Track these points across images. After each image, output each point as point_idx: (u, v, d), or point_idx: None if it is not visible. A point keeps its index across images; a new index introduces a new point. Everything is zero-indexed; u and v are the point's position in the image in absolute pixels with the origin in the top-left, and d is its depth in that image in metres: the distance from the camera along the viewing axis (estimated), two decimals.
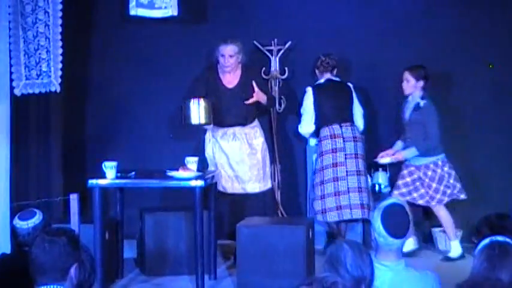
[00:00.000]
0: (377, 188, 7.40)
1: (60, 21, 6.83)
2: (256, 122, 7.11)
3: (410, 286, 3.71)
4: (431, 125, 6.80)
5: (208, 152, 7.05)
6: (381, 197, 7.08)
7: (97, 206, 6.03)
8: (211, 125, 6.85)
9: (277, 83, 7.70)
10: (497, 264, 3.24)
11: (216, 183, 6.53)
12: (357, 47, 7.62)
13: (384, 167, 7.48)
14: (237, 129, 6.96)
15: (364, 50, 7.60)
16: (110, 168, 6.08)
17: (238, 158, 6.97)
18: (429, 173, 6.91)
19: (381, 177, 7.45)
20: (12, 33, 6.74)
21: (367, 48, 7.59)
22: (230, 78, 6.95)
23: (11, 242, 5.17)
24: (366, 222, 6.96)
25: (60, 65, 6.86)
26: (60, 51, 6.86)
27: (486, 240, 3.33)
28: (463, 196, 6.97)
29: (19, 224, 4.37)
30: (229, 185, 6.97)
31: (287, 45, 7.65)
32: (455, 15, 7.52)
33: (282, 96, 7.72)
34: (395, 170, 7.50)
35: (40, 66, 6.86)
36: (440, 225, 7.40)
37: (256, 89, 6.86)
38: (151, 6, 7.42)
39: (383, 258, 3.76)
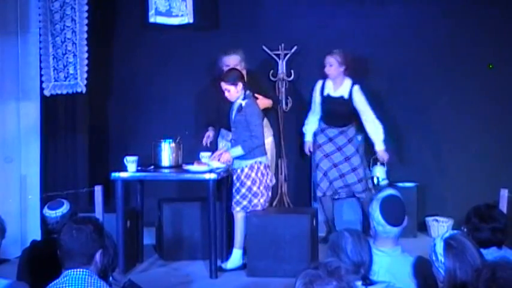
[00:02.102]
0: (375, 180, 7.39)
1: (85, 28, 6.87)
2: (265, 121, 6.81)
3: (406, 270, 3.72)
4: (254, 124, 6.09)
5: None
6: (379, 188, 7.08)
7: (119, 196, 6.05)
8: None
9: (284, 85, 7.70)
10: (464, 252, 3.24)
11: (228, 176, 6.52)
12: (358, 52, 7.60)
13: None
14: None
15: (365, 54, 7.59)
16: (131, 162, 6.10)
17: None
18: (242, 176, 6.17)
19: (379, 171, 7.44)
20: (42, 39, 6.78)
21: (368, 52, 7.57)
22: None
23: (41, 229, 5.20)
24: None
25: (85, 68, 6.90)
26: (86, 55, 6.89)
27: (440, 244, 3.30)
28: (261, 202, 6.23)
29: (48, 213, 4.39)
30: None
31: (293, 50, 7.64)
32: (452, 20, 7.49)
33: (289, 97, 7.72)
34: (393, 163, 7.50)
35: (67, 69, 6.89)
36: (433, 215, 7.40)
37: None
38: (169, 14, 7.42)
39: (381, 245, 3.77)
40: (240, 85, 6.12)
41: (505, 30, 7.43)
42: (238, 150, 6.12)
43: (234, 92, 6.15)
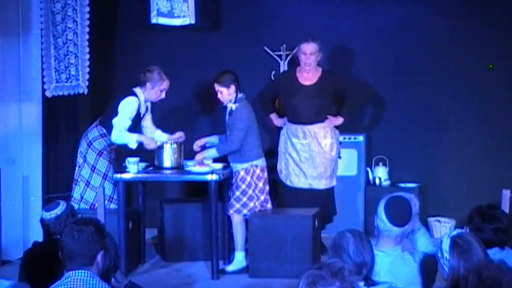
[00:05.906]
0: (377, 181, 7.38)
1: (87, 29, 6.87)
2: (327, 122, 6.75)
3: (407, 269, 3.74)
4: (235, 127, 6.05)
5: (281, 145, 6.86)
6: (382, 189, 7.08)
7: (121, 198, 6.05)
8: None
9: None
10: (469, 251, 3.24)
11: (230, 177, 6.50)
12: (359, 51, 7.60)
13: (384, 161, 7.46)
14: (308, 128, 6.72)
15: (366, 54, 7.58)
16: (132, 164, 6.09)
17: (308, 155, 6.71)
18: (238, 179, 6.17)
19: (381, 172, 7.42)
20: (43, 41, 6.79)
21: (369, 52, 7.56)
22: (307, 76, 6.72)
23: (43, 231, 5.19)
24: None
25: (87, 69, 6.90)
26: (88, 56, 6.89)
27: (447, 241, 3.30)
28: (269, 206, 6.28)
29: (44, 214, 4.39)
30: (296, 180, 6.78)
31: (295, 51, 7.62)
32: (452, 20, 7.48)
33: None
34: (394, 164, 7.49)
35: (69, 70, 6.89)
36: (435, 215, 7.39)
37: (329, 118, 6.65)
38: (171, 15, 7.41)
39: (382, 245, 3.76)
40: (233, 88, 6.11)
41: (505, 30, 7.42)
42: (212, 152, 6.14)
43: (226, 94, 6.14)
